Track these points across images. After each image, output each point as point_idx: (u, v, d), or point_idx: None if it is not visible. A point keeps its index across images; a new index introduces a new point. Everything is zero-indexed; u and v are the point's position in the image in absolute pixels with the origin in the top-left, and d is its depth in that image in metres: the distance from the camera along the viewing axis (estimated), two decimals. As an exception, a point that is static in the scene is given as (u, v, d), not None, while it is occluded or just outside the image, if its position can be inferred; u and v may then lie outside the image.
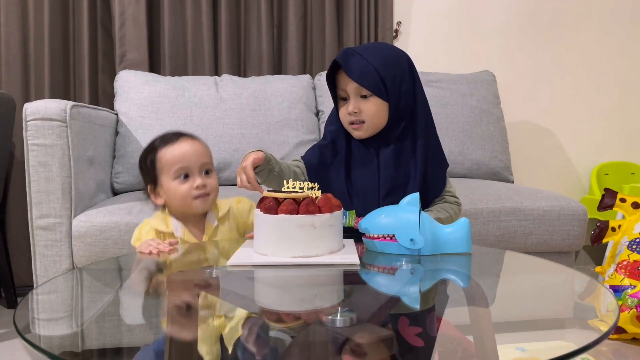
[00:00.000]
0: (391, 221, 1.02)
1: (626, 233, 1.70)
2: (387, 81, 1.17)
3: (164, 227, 1.25)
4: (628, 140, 2.79)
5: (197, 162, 1.23)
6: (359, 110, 1.19)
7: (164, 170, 1.23)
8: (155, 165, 1.25)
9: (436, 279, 0.99)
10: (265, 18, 2.33)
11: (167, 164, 1.23)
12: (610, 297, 0.84)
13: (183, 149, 1.24)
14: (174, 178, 1.22)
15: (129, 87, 2.05)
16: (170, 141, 1.25)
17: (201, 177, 1.24)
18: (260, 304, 0.87)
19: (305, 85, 2.24)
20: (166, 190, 1.24)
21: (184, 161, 1.22)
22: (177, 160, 1.22)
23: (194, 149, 1.25)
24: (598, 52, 2.73)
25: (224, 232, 1.28)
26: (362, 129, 1.21)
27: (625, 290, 1.57)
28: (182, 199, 1.22)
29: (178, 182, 1.22)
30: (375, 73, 1.17)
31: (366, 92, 1.18)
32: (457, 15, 2.60)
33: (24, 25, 2.15)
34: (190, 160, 1.23)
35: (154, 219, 1.28)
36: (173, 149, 1.24)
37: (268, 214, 0.99)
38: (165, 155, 1.24)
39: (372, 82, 1.17)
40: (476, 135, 2.25)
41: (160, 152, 1.25)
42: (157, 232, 1.25)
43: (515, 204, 1.72)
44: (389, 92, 1.18)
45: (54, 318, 0.79)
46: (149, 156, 1.26)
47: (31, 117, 1.51)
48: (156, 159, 1.25)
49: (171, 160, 1.23)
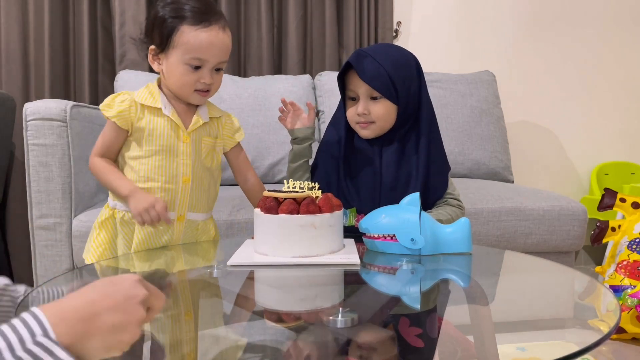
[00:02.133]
0: (391, 221, 1.03)
1: (626, 233, 1.70)
2: (397, 84, 1.18)
3: (150, 101, 1.14)
4: (628, 140, 2.79)
5: (215, 59, 1.12)
6: (368, 112, 1.20)
7: (179, 48, 1.10)
8: (172, 35, 1.10)
9: (436, 279, 1.00)
10: (265, 18, 2.33)
11: (186, 46, 1.09)
12: (610, 297, 0.84)
13: (211, 40, 1.10)
14: (184, 63, 1.10)
15: (129, 87, 2.05)
16: (202, 21, 1.09)
17: (211, 73, 1.13)
18: (260, 304, 0.87)
19: (305, 85, 2.24)
20: (169, 68, 1.12)
21: (204, 53, 1.10)
22: (198, 49, 1.09)
23: (220, 43, 1.11)
24: (598, 52, 2.73)
25: (207, 133, 1.20)
26: (370, 129, 1.22)
27: (625, 290, 1.57)
28: (181, 85, 1.13)
29: (187, 68, 1.11)
30: (387, 76, 1.18)
31: (377, 94, 1.19)
32: (457, 15, 2.60)
33: (24, 25, 2.14)
34: (209, 54, 1.10)
35: (139, 92, 1.16)
36: (201, 34, 1.09)
37: (268, 213, 0.99)
38: (188, 36, 1.09)
39: (384, 85, 1.18)
40: (476, 135, 2.25)
41: (185, 26, 1.09)
42: (141, 106, 1.14)
43: (515, 204, 1.72)
44: (399, 95, 1.19)
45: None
46: (171, 20, 1.10)
47: (31, 117, 1.51)
48: (177, 30, 1.09)
49: (192, 46, 1.09)
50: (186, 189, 1.17)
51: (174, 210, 1.17)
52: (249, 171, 1.28)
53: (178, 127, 1.15)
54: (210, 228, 1.27)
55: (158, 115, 1.14)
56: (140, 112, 1.14)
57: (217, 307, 0.85)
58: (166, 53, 1.12)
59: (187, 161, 1.16)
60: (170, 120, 1.14)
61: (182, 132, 1.15)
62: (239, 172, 1.28)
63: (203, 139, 1.19)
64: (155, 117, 1.14)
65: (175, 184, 1.15)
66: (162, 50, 1.12)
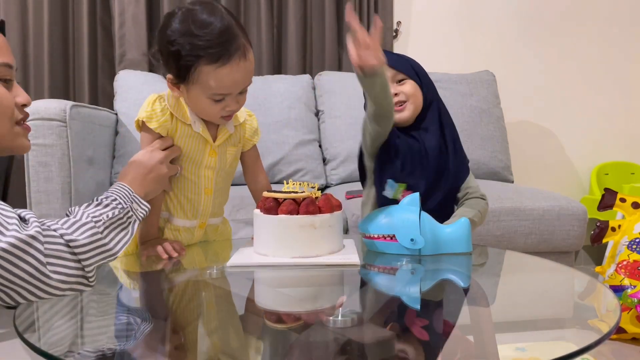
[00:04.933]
0: (391, 221, 1.02)
1: (626, 233, 1.70)
2: (416, 68, 1.26)
3: (180, 114, 1.09)
4: (628, 140, 2.79)
5: (238, 89, 1.05)
6: (399, 92, 1.21)
7: (199, 85, 1.02)
8: (190, 71, 1.00)
9: (436, 279, 0.99)
10: (265, 18, 2.33)
11: (206, 84, 1.01)
12: (610, 297, 0.84)
13: (233, 76, 1.01)
14: (207, 97, 1.03)
15: (129, 87, 2.05)
16: (219, 57, 0.98)
17: (235, 100, 1.06)
18: (260, 304, 0.87)
19: (305, 85, 2.24)
20: (191, 100, 1.06)
21: (227, 89, 1.03)
22: (220, 87, 1.02)
23: (243, 75, 1.03)
24: (598, 52, 2.73)
25: (233, 143, 1.17)
26: (407, 109, 1.23)
27: (625, 290, 1.57)
28: (206, 114, 1.08)
29: (210, 102, 1.04)
30: (407, 60, 1.26)
31: (402, 77, 1.23)
32: (457, 15, 2.60)
33: (23, 25, 2.15)
34: (233, 89, 1.03)
35: (168, 97, 1.09)
36: (221, 72, 0.99)
37: (268, 214, 0.98)
38: (208, 76, 1.00)
39: (406, 67, 1.24)
40: (476, 135, 2.24)
41: (204, 64, 0.99)
42: (175, 118, 1.09)
43: (515, 204, 1.72)
44: (421, 77, 1.25)
45: (54, 318, 0.79)
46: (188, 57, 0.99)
47: (31, 117, 1.51)
48: (196, 68, 0.99)
49: (214, 85, 1.01)
50: (209, 200, 1.16)
51: (196, 219, 1.17)
52: (261, 173, 1.26)
53: (206, 142, 1.13)
54: (228, 228, 1.27)
55: (188, 129, 1.10)
56: (175, 124, 1.10)
57: (217, 308, 0.84)
58: (186, 86, 1.04)
59: (211, 174, 1.15)
60: (199, 136, 1.12)
61: (209, 146, 1.13)
62: (252, 173, 1.26)
63: (228, 149, 1.17)
64: (185, 131, 1.11)
65: (199, 195, 1.15)
66: (181, 83, 1.04)
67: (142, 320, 0.77)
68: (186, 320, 0.77)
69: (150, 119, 1.07)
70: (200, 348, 0.67)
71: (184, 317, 0.79)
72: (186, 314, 0.81)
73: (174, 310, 0.82)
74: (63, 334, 0.73)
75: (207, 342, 0.69)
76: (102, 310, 0.84)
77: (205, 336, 0.70)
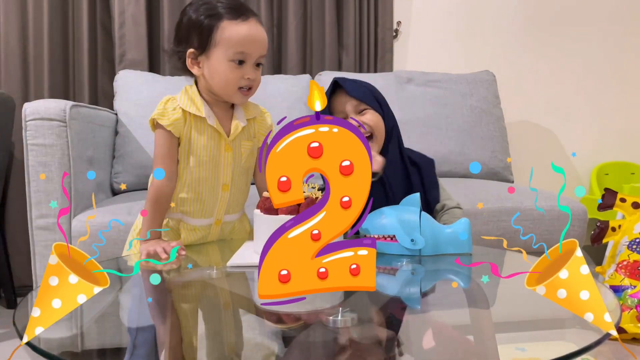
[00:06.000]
0: (391, 222, 1.02)
1: (626, 233, 1.70)
2: (376, 95, 1.28)
3: (193, 109, 1.12)
4: (628, 140, 2.78)
5: (257, 52, 1.10)
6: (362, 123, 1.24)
7: (222, 45, 1.08)
8: (212, 34, 1.08)
9: (437, 280, 0.99)
10: (265, 18, 2.32)
11: (229, 41, 1.07)
12: (610, 297, 0.84)
13: (252, 32, 1.09)
14: (229, 59, 1.08)
15: (129, 87, 2.05)
16: (240, 15, 1.09)
17: (253, 68, 1.11)
18: (260, 305, 0.87)
19: (305, 85, 2.24)
20: (212, 68, 1.10)
21: (248, 46, 1.08)
22: (242, 42, 1.07)
23: (260, 36, 1.11)
24: (598, 51, 2.73)
25: (246, 137, 1.19)
26: (374, 141, 1.24)
27: (626, 290, 1.57)
28: (225, 83, 1.10)
29: (231, 65, 1.08)
30: (368, 89, 1.29)
31: (364, 107, 1.25)
32: (457, 15, 2.60)
33: (23, 24, 2.14)
34: (253, 47, 1.09)
35: (180, 98, 1.14)
36: (242, 27, 1.08)
37: (268, 214, 0.98)
38: (230, 30, 1.07)
39: (368, 96, 1.27)
40: (476, 135, 2.24)
41: (225, 22, 1.08)
42: (188, 114, 1.12)
43: (515, 204, 1.72)
44: (381, 104, 1.27)
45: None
46: (209, 19, 1.08)
47: (31, 117, 1.51)
48: (217, 27, 1.08)
49: (236, 40, 1.07)
50: (225, 196, 1.17)
51: (212, 216, 1.17)
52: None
53: (220, 137, 1.14)
54: (246, 225, 1.28)
55: (202, 124, 1.12)
56: (189, 121, 1.12)
57: (217, 308, 0.84)
58: (207, 54, 1.09)
59: (227, 170, 1.16)
60: (213, 130, 1.13)
61: (224, 141, 1.15)
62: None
63: (242, 144, 1.18)
64: (199, 126, 1.12)
65: (215, 192, 1.16)
66: (202, 52, 1.10)
67: (141, 321, 0.77)
68: (186, 321, 0.77)
69: (162, 116, 1.11)
70: (200, 348, 0.67)
71: (184, 317, 0.79)
72: (186, 314, 0.81)
73: (174, 310, 0.82)
74: (63, 334, 0.73)
75: (207, 343, 0.69)
76: (102, 310, 0.84)
77: (205, 336, 0.70)
